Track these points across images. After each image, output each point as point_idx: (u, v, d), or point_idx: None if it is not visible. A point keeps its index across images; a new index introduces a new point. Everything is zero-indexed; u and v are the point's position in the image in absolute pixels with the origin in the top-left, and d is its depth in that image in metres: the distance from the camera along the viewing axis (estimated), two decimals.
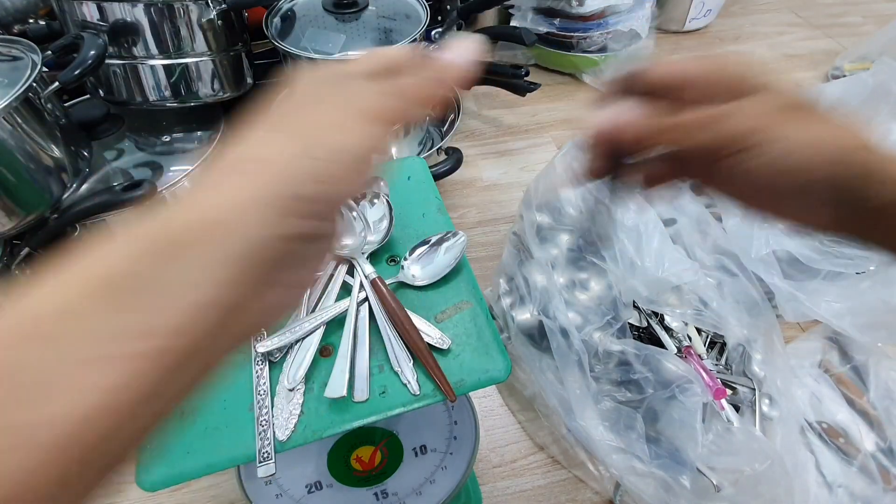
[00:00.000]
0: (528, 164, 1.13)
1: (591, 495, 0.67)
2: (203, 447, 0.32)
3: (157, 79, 0.78)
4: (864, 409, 0.62)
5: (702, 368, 0.62)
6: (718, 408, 0.60)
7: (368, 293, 0.39)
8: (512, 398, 0.76)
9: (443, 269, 0.40)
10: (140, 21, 0.72)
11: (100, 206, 0.66)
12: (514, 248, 0.79)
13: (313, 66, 0.28)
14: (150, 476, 0.31)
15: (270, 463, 0.32)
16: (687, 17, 1.44)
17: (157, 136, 0.83)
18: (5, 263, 0.66)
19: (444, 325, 0.38)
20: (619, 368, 0.64)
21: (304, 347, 0.36)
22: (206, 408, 0.34)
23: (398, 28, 0.82)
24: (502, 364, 0.36)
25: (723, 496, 0.55)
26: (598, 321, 0.65)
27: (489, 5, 1.15)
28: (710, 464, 0.56)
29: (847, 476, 0.56)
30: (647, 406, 0.61)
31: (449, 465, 0.47)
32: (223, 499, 0.68)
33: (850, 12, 1.57)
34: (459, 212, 1.03)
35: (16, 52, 0.65)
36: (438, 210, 0.46)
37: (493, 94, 1.28)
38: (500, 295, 0.77)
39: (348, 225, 0.40)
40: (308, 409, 0.34)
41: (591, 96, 0.29)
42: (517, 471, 0.70)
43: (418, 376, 0.35)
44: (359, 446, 0.42)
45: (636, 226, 0.66)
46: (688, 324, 0.68)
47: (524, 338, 0.71)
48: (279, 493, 0.44)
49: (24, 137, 0.62)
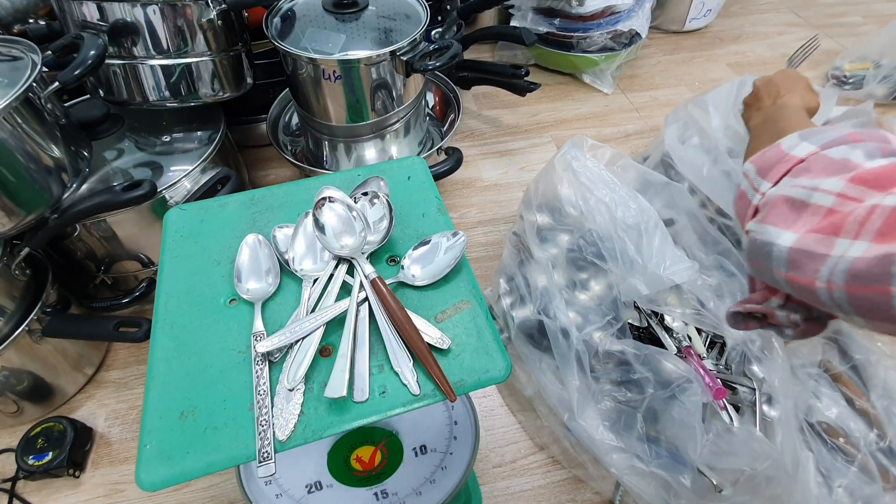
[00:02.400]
0: (528, 164, 1.13)
1: (591, 495, 0.67)
2: (203, 447, 0.32)
3: (157, 79, 0.78)
4: (864, 409, 0.62)
5: (702, 368, 0.62)
6: (718, 408, 0.60)
7: (368, 293, 0.39)
8: (512, 398, 0.76)
9: (443, 269, 0.40)
10: (140, 21, 0.72)
11: (100, 206, 0.66)
12: (514, 248, 0.79)
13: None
14: (150, 476, 0.31)
15: (270, 463, 0.32)
16: (687, 17, 1.44)
17: (157, 136, 0.83)
18: (5, 263, 0.66)
19: (444, 325, 0.38)
20: (619, 368, 0.64)
21: (304, 347, 0.36)
22: (206, 408, 0.34)
23: (398, 28, 0.82)
24: (502, 364, 0.36)
25: (723, 496, 0.55)
26: (598, 321, 0.65)
27: (489, 5, 1.15)
28: (711, 464, 0.56)
29: (847, 476, 0.56)
30: (647, 406, 0.61)
31: (449, 465, 0.47)
32: (223, 499, 0.68)
33: (850, 12, 1.57)
34: (459, 212, 1.03)
35: (16, 52, 0.65)
36: (438, 210, 0.46)
37: (493, 94, 1.28)
38: (500, 295, 0.77)
39: (348, 225, 0.40)
40: (308, 409, 0.34)
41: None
42: (517, 471, 0.70)
43: (418, 376, 0.35)
44: (359, 446, 0.42)
45: (637, 225, 0.66)
46: (688, 324, 0.68)
47: (524, 338, 0.71)
48: (279, 493, 0.44)
49: (24, 137, 0.62)
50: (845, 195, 0.30)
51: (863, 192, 0.29)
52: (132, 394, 0.79)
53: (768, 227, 0.33)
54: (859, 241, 0.27)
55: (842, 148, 0.33)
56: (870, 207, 0.28)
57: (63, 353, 0.74)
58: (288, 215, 0.46)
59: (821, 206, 0.31)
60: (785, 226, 0.32)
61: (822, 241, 0.29)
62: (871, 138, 0.33)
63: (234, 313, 0.39)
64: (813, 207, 0.31)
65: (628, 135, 1.19)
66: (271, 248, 0.42)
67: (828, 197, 0.31)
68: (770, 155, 0.37)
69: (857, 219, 0.28)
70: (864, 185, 0.30)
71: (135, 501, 0.68)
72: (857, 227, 0.28)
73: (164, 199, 0.76)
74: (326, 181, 0.48)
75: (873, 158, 0.31)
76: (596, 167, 0.73)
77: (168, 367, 0.36)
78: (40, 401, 0.75)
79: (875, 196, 0.29)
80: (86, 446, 0.72)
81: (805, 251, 0.30)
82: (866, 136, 0.33)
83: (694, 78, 1.35)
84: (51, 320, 0.71)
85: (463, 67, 1.10)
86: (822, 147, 0.34)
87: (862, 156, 0.31)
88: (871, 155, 0.32)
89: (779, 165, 0.35)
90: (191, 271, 0.42)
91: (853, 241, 0.28)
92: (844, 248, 0.28)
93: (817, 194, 0.31)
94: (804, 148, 0.35)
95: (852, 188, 0.30)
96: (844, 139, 0.34)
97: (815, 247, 0.30)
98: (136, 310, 0.85)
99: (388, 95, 0.85)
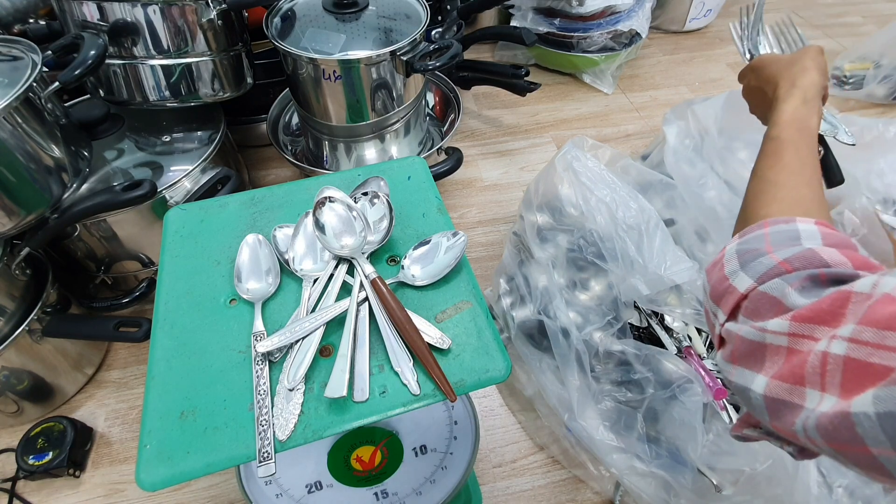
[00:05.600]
0: (528, 164, 1.13)
1: (591, 495, 0.67)
2: (203, 447, 0.32)
3: (157, 79, 0.78)
4: None
5: (702, 368, 0.62)
6: (719, 408, 0.60)
7: (368, 293, 0.39)
8: (512, 398, 0.76)
9: (443, 269, 0.40)
10: (140, 21, 0.72)
11: (100, 206, 0.66)
12: (514, 248, 0.79)
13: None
14: (150, 476, 0.31)
15: (270, 463, 0.32)
16: (687, 17, 1.44)
17: (157, 136, 0.83)
18: (5, 263, 0.66)
19: (444, 325, 0.38)
20: (619, 368, 0.64)
21: (304, 347, 0.36)
22: (206, 408, 0.34)
23: (398, 28, 0.82)
24: (502, 364, 0.36)
25: (723, 496, 0.55)
26: (598, 321, 0.65)
27: (489, 5, 1.15)
28: (711, 464, 0.56)
29: (847, 476, 0.56)
30: (648, 406, 0.61)
31: (449, 465, 0.47)
32: (223, 499, 0.68)
33: (850, 12, 1.57)
34: (459, 212, 1.03)
35: (16, 52, 0.65)
36: (438, 210, 0.46)
37: (493, 94, 1.28)
38: (500, 295, 0.77)
39: (348, 225, 0.40)
40: (308, 409, 0.34)
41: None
42: (517, 471, 0.70)
43: (418, 376, 0.35)
44: (359, 446, 0.42)
45: (637, 225, 0.66)
46: (688, 324, 0.68)
47: (524, 338, 0.71)
48: (279, 493, 0.44)
49: (24, 137, 0.61)
50: (795, 334, 0.29)
51: (811, 328, 0.28)
52: (132, 394, 0.79)
53: (743, 370, 0.32)
54: (828, 395, 0.26)
55: (776, 283, 0.32)
56: (821, 355, 0.27)
57: (63, 353, 0.74)
58: (288, 215, 0.46)
59: (779, 346, 0.30)
60: (756, 369, 0.31)
61: (793, 391, 0.28)
62: (803, 265, 0.32)
63: (234, 313, 0.39)
64: (771, 348, 0.30)
65: (628, 135, 1.19)
66: (271, 248, 0.42)
67: (780, 338, 0.30)
68: (717, 280, 0.36)
69: (815, 369, 0.27)
70: (808, 322, 0.29)
71: (135, 501, 0.68)
72: (819, 378, 0.27)
73: (164, 199, 0.76)
74: (326, 181, 0.48)
75: (808, 293, 0.30)
76: (596, 167, 0.73)
77: (168, 367, 0.36)
78: (40, 401, 0.75)
79: (823, 332, 0.28)
80: (86, 446, 0.72)
81: (779, 400, 0.29)
82: (798, 263, 0.32)
83: (694, 78, 1.35)
84: (51, 320, 0.71)
85: (463, 67, 1.10)
86: (758, 281, 0.33)
87: (796, 294, 0.30)
88: (805, 290, 0.30)
89: (727, 297, 0.35)
90: (191, 271, 0.42)
91: (822, 394, 0.27)
92: (816, 400, 0.27)
93: (769, 336, 0.30)
94: (743, 281, 0.34)
95: (798, 326, 0.29)
96: (777, 270, 0.32)
97: (788, 396, 0.29)
98: (136, 310, 0.85)
99: (388, 95, 0.86)
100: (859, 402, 0.24)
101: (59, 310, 0.74)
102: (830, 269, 0.31)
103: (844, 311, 0.27)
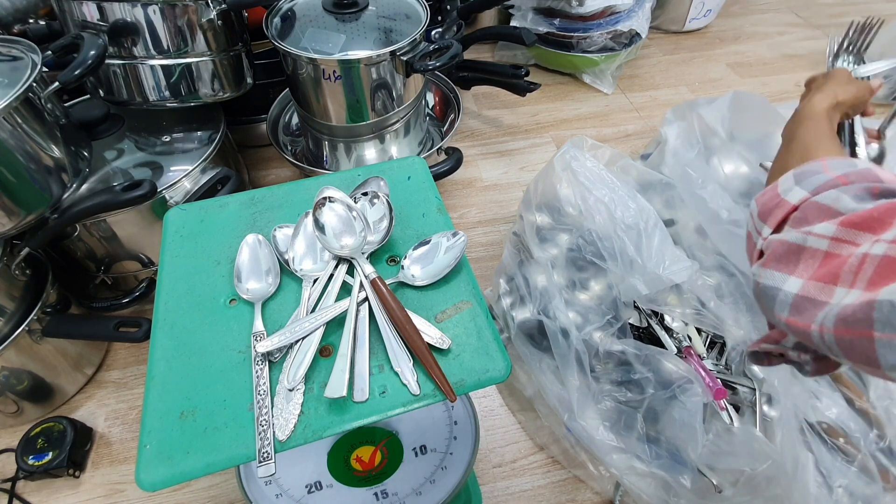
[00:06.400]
0: (528, 164, 1.13)
1: (591, 495, 0.67)
2: (203, 447, 0.32)
3: (157, 79, 0.78)
4: (864, 409, 0.61)
5: (702, 368, 0.62)
6: (718, 408, 0.60)
7: (368, 293, 0.39)
8: (512, 398, 0.76)
9: (443, 269, 0.40)
10: (140, 21, 0.72)
11: (100, 206, 0.66)
12: (514, 248, 0.79)
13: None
14: (150, 476, 0.31)
15: (270, 463, 0.32)
16: (687, 17, 1.44)
17: (157, 136, 0.83)
18: (5, 263, 0.66)
19: (444, 325, 0.38)
20: (619, 368, 0.64)
21: (304, 347, 0.36)
22: (206, 408, 0.34)
23: (398, 28, 0.82)
24: (502, 364, 0.36)
25: (723, 496, 0.55)
26: (598, 321, 0.65)
27: (489, 5, 1.15)
28: (711, 464, 0.56)
29: (847, 476, 0.56)
30: (648, 406, 0.61)
31: (449, 465, 0.47)
32: (223, 499, 0.68)
33: (850, 12, 1.57)
34: (459, 212, 1.03)
35: (16, 52, 0.65)
36: (438, 210, 0.46)
37: (493, 94, 1.28)
38: (500, 295, 0.77)
39: (348, 225, 0.40)
40: (308, 409, 0.34)
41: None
42: (517, 471, 0.70)
43: (418, 376, 0.35)
44: (359, 446, 0.42)
45: (636, 224, 0.66)
46: (688, 324, 0.68)
47: (524, 338, 0.71)
48: (279, 493, 0.44)
49: (24, 137, 0.61)
50: (838, 238, 0.31)
51: (855, 234, 0.31)
52: (132, 394, 0.79)
53: (774, 272, 0.35)
54: (854, 290, 0.29)
55: (831, 193, 0.34)
56: (861, 256, 0.29)
57: (63, 353, 0.74)
58: (288, 215, 0.46)
59: (817, 249, 0.32)
60: (788, 271, 0.33)
61: (824, 290, 0.31)
62: (859, 179, 0.34)
63: (234, 313, 0.39)
64: (809, 251, 0.33)
65: (628, 135, 1.19)
66: (271, 248, 0.42)
67: (822, 241, 0.32)
68: (767, 199, 0.39)
69: (851, 268, 0.29)
70: (855, 227, 0.31)
71: (135, 501, 0.68)
72: (852, 276, 0.29)
73: (164, 199, 0.76)
74: (326, 181, 0.48)
75: (862, 201, 0.33)
76: (595, 167, 0.73)
77: (168, 367, 0.36)
78: (40, 401, 0.75)
79: (866, 239, 0.30)
80: (86, 446, 0.72)
81: (809, 298, 0.32)
82: (855, 178, 0.35)
83: (694, 78, 1.35)
84: (51, 320, 0.71)
85: (463, 67, 1.10)
86: (812, 193, 0.35)
87: (850, 200, 0.33)
88: (858, 198, 0.33)
89: (776, 211, 0.37)
90: (191, 271, 0.42)
91: (849, 290, 0.29)
92: (842, 296, 0.30)
93: (812, 238, 0.33)
94: (797, 193, 0.36)
95: (844, 231, 0.31)
96: (833, 182, 0.35)
97: (818, 294, 0.31)
98: (136, 310, 0.85)
99: (388, 95, 0.86)
100: (887, 290, 0.26)
101: (58, 310, 0.74)
102: (884, 185, 0.33)
103: (892, 220, 0.30)
